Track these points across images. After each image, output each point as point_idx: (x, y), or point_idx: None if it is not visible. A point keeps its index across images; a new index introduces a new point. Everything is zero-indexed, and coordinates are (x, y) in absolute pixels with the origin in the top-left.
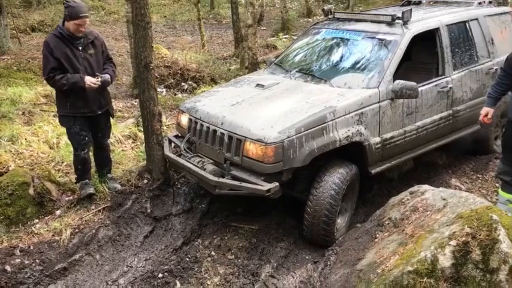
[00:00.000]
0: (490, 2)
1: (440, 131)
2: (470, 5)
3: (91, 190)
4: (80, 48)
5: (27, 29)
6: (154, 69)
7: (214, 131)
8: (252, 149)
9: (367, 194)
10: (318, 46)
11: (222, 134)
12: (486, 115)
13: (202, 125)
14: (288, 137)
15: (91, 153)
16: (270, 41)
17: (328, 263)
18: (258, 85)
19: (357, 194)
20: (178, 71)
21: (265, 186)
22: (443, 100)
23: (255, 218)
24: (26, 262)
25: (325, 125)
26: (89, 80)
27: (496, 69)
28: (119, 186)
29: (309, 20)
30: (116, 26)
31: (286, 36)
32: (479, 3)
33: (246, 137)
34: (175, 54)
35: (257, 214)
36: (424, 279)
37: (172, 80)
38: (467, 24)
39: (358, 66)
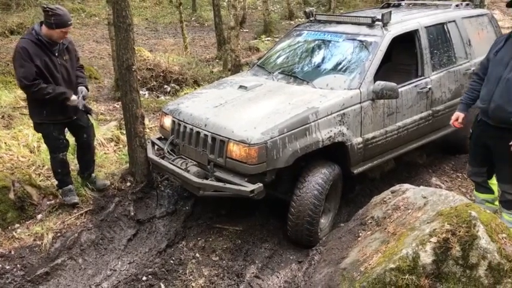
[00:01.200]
0: (467, 4)
1: (421, 131)
2: (448, 7)
3: (75, 199)
4: (56, 54)
5: (6, 31)
6: (136, 72)
7: (198, 133)
8: (235, 150)
9: (350, 194)
10: (300, 48)
11: (206, 135)
12: (457, 119)
13: (185, 127)
14: (271, 138)
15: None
16: (252, 44)
17: (313, 262)
18: (240, 87)
19: (339, 194)
20: (161, 74)
21: (249, 187)
22: (422, 100)
23: (239, 219)
24: (7, 267)
25: (307, 125)
26: (75, 101)
27: (473, 70)
28: (108, 182)
29: (291, 22)
30: (97, 28)
31: (269, 38)
32: (457, 6)
33: (229, 138)
34: (158, 57)
35: (241, 215)
36: (406, 276)
37: (154, 83)
38: (445, 26)
39: (339, 67)
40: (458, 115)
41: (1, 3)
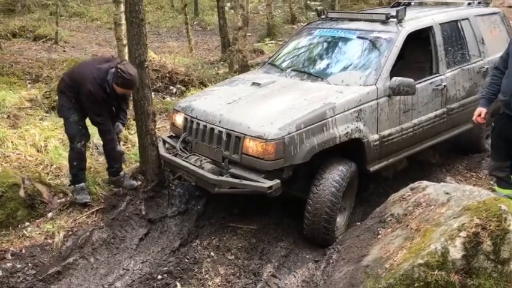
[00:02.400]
0: (479, 3)
1: (435, 128)
2: (459, 5)
3: (87, 199)
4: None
5: (8, 34)
6: (148, 68)
7: (212, 130)
8: (251, 146)
9: (364, 193)
10: (312, 45)
11: (220, 132)
12: (479, 115)
13: (198, 124)
14: (289, 134)
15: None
16: (256, 46)
17: (331, 261)
18: (254, 83)
19: (355, 192)
20: (167, 75)
21: (267, 183)
22: (437, 98)
23: (253, 218)
24: (18, 266)
25: (325, 121)
26: None
27: (487, 69)
28: (136, 183)
29: (294, 26)
30: (99, 32)
31: (272, 41)
32: (469, 4)
33: (245, 134)
34: (163, 58)
35: (255, 214)
36: (435, 272)
37: (160, 84)
38: (459, 24)
39: (354, 64)
40: (480, 110)
41: (3, 8)
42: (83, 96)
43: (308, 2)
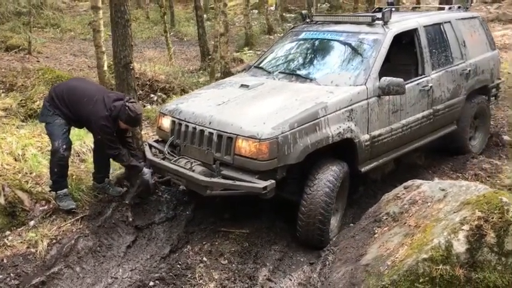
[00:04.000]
0: (459, 7)
1: (423, 130)
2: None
3: (72, 205)
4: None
5: None
6: (134, 70)
7: (202, 131)
8: (244, 147)
9: (354, 195)
10: (299, 48)
11: (211, 133)
12: None
13: (187, 126)
14: (282, 133)
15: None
16: (235, 56)
17: (327, 262)
18: (242, 86)
19: (347, 194)
20: (147, 82)
21: (261, 183)
22: (424, 99)
23: (244, 222)
24: (0, 277)
25: (317, 120)
26: None
27: (469, 71)
28: (123, 189)
29: (270, 37)
30: (73, 42)
31: (251, 51)
32: (450, 8)
33: (237, 135)
34: (143, 66)
35: (245, 219)
36: (440, 266)
37: (141, 92)
38: (441, 27)
39: (343, 65)
40: None
41: None
42: (95, 130)
43: (284, 14)
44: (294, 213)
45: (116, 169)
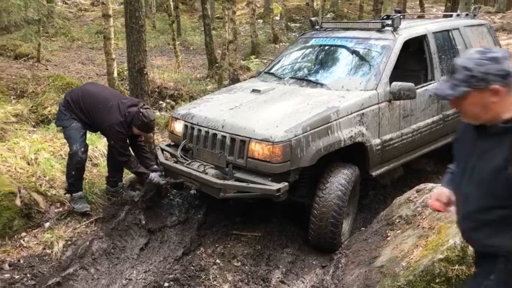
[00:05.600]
0: (467, 15)
1: (433, 135)
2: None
3: (87, 208)
4: None
5: None
6: (148, 74)
7: (214, 135)
8: (257, 150)
9: (364, 200)
10: (309, 54)
11: (224, 137)
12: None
13: (200, 130)
14: (295, 136)
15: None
16: (242, 64)
17: (339, 265)
18: (253, 90)
19: (358, 198)
20: (156, 89)
21: (274, 186)
22: (434, 104)
23: (255, 226)
24: (17, 277)
25: (329, 124)
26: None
27: None
28: (136, 193)
29: (276, 46)
30: (81, 51)
31: (257, 60)
32: (458, 15)
33: (250, 138)
34: (152, 73)
35: (257, 222)
36: (456, 267)
37: (150, 98)
38: (450, 33)
39: (353, 70)
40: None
41: None
42: (109, 135)
43: (288, 23)
44: (305, 217)
45: (128, 173)
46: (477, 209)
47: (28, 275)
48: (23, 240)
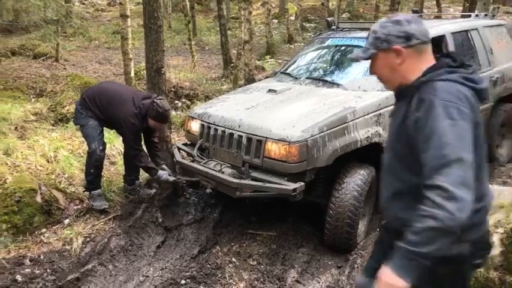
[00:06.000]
0: (486, 15)
1: None
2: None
3: (106, 205)
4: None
5: (8, 52)
6: (165, 74)
7: (231, 135)
8: (274, 149)
9: (380, 201)
10: (326, 54)
11: (240, 136)
12: None
13: (216, 130)
14: (312, 136)
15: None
16: (257, 64)
17: (355, 266)
18: (270, 90)
19: (374, 199)
20: (172, 89)
21: (291, 185)
22: None
23: (271, 225)
24: (37, 272)
25: (346, 124)
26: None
27: (497, 78)
28: (152, 192)
29: (291, 46)
30: (98, 51)
31: (272, 60)
32: (476, 15)
33: (267, 138)
34: (168, 73)
35: (272, 222)
36: None
37: (166, 98)
38: (468, 33)
39: None
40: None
41: (1, 28)
42: (122, 128)
43: (304, 23)
44: (320, 217)
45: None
46: (391, 178)
47: (48, 270)
48: (43, 236)
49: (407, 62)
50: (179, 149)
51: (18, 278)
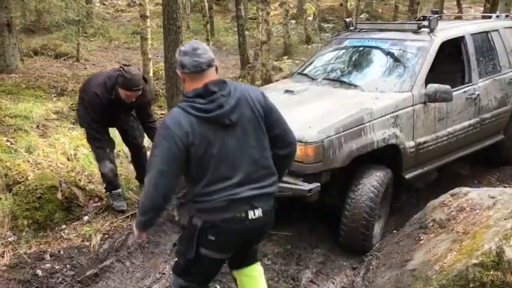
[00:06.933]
0: (507, 16)
1: (469, 138)
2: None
3: (124, 207)
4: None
5: (30, 52)
6: None
7: None
8: None
9: (396, 203)
10: (343, 55)
11: None
12: None
13: None
14: (328, 137)
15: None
16: (274, 64)
17: (370, 267)
18: (286, 91)
19: (390, 201)
20: None
21: (306, 186)
22: (471, 107)
23: (286, 225)
24: (57, 267)
25: (363, 126)
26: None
27: None
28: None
29: (309, 46)
30: (118, 51)
31: (289, 60)
32: (497, 16)
33: None
34: None
35: (287, 222)
36: (491, 272)
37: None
38: (489, 35)
39: (387, 71)
40: None
41: (24, 29)
42: (86, 101)
43: (321, 24)
44: (336, 218)
45: None
46: None
47: (67, 265)
48: (63, 232)
49: (186, 81)
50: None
51: (39, 272)
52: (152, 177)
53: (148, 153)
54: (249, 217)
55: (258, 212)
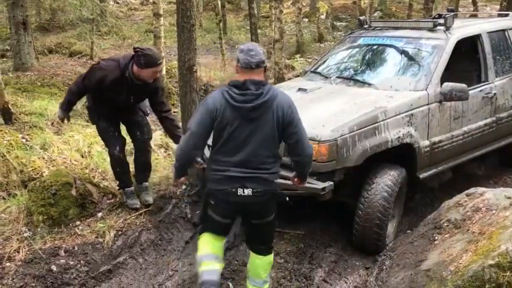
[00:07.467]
0: None
1: (485, 138)
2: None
3: (137, 205)
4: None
5: (45, 50)
6: (197, 72)
7: None
8: None
9: (410, 203)
10: (357, 53)
11: None
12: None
13: None
14: (342, 136)
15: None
16: (287, 63)
17: (384, 267)
18: (300, 89)
19: (403, 200)
20: (202, 87)
21: (320, 184)
22: (487, 106)
23: (298, 224)
24: (71, 263)
25: (377, 124)
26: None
27: None
28: (150, 200)
29: (321, 45)
30: (131, 50)
31: (302, 58)
32: None
33: None
34: (198, 71)
35: (300, 220)
36: (507, 273)
37: (198, 96)
38: (505, 33)
39: (402, 70)
40: None
41: (39, 28)
42: (93, 79)
43: (334, 22)
44: (349, 217)
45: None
46: None
47: (82, 261)
48: (78, 229)
49: (238, 71)
50: (208, 146)
51: (53, 268)
52: (186, 134)
53: (153, 154)
54: (238, 193)
55: (248, 191)
